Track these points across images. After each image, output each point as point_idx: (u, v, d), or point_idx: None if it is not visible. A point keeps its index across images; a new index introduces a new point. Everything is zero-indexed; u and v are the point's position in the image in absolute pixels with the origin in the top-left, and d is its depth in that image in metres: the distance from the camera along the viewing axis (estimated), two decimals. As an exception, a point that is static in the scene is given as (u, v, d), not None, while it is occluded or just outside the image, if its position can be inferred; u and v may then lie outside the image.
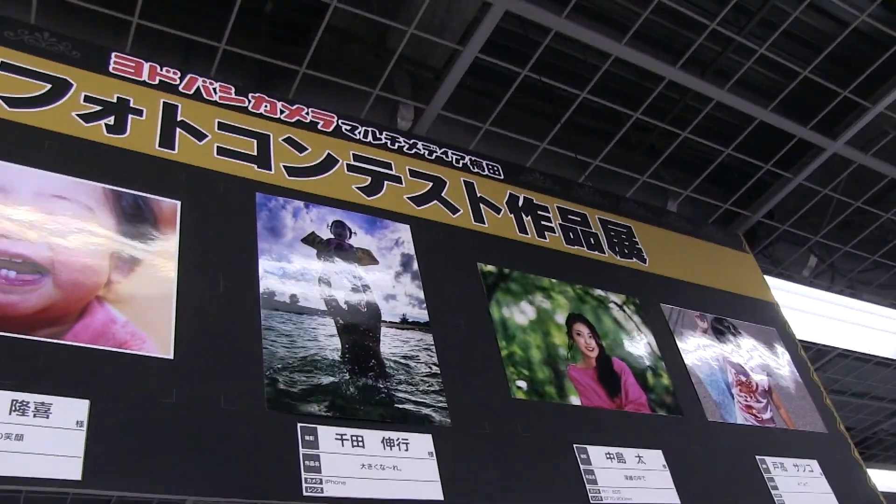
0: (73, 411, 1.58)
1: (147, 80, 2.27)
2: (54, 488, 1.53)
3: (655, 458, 2.35)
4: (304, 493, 1.68)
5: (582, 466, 2.17)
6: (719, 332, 3.01)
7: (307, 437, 1.78)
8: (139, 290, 1.83)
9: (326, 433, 1.81)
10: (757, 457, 2.59)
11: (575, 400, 2.33)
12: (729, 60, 3.75)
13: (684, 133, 3.82)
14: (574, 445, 2.20)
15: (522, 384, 2.25)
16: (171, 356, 1.75)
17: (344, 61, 3.35)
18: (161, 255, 1.91)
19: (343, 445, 1.81)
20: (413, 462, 1.88)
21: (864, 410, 6.26)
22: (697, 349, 2.85)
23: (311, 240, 2.19)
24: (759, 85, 3.98)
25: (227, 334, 1.86)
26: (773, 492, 2.52)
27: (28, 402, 1.55)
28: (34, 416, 1.55)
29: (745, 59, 3.53)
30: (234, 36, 2.79)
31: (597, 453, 2.24)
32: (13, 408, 1.53)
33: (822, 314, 4.60)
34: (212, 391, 1.75)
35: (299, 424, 1.79)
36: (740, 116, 4.14)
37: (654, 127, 4.18)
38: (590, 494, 2.12)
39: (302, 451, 1.75)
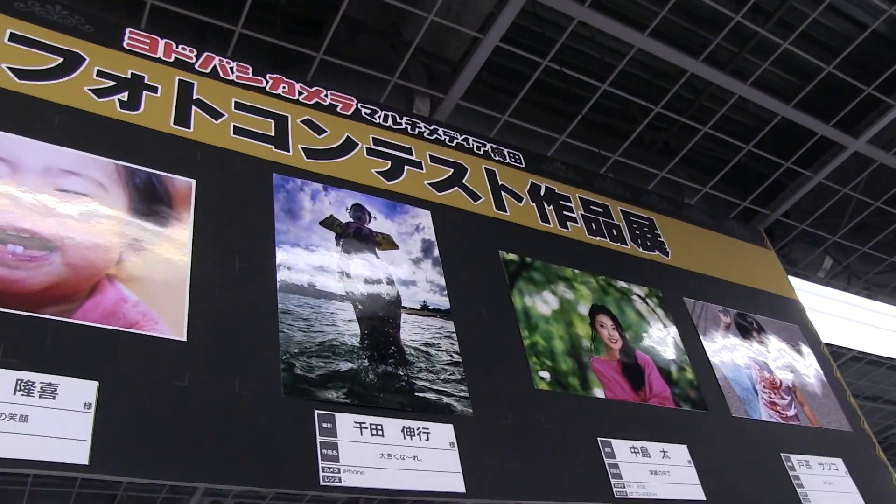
0: (80, 393, 1.48)
1: (162, 57, 2.17)
2: (60, 472, 1.42)
3: (680, 452, 2.23)
4: (322, 483, 1.57)
5: (606, 460, 2.05)
6: (743, 327, 2.89)
7: (325, 425, 1.67)
8: (152, 269, 1.73)
9: (345, 421, 1.70)
10: (782, 454, 2.47)
11: (599, 392, 2.22)
12: (745, 62, 3.65)
13: (705, 128, 3.71)
14: (598, 439, 2.09)
15: (545, 375, 2.14)
16: (183, 338, 1.64)
17: (359, 52, 3.25)
18: (175, 235, 1.81)
19: (362, 434, 1.70)
20: (434, 452, 1.76)
21: (877, 414, 6.12)
22: (721, 344, 2.73)
23: (329, 223, 2.08)
24: (776, 85, 3.87)
25: (243, 317, 1.75)
26: (798, 490, 2.39)
27: (34, 382, 1.45)
28: (40, 396, 1.44)
29: (764, 59, 3.43)
30: (247, 26, 2.70)
31: (621, 447, 2.12)
32: (18, 387, 1.43)
33: (837, 315, 4.47)
34: (226, 375, 1.64)
35: (316, 411, 1.68)
36: (757, 118, 4.04)
37: (668, 126, 4.09)
38: (615, 489, 2.00)
39: (319, 438, 1.64)
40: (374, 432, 1.71)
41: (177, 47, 2.23)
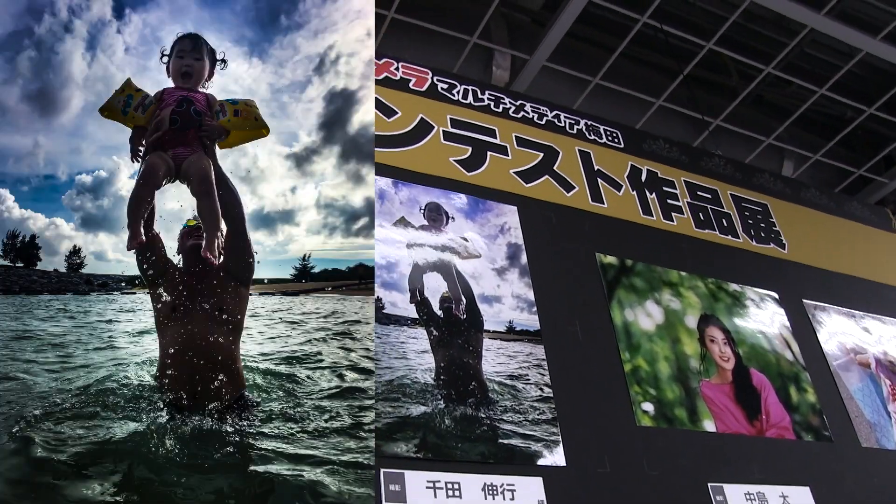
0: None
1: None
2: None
3: (803, 497, 1.82)
4: (387, 563, 1.25)
5: (718, 511, 1.67)
6: (870, 333, 2.40)
7: (392, 487, 1.33)
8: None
9: (415, 480, 1.36)
10: (924, 494, 2.02)
11: (709, 425, 1.81)
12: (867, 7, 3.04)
13: (822, 90, 3.15)
14: (709, 485, 1.70)
15: (649, 408, 1.74)
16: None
17: (434, 5, 2.81)
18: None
19: (436, 496, 1.35)
20: (520, 516, 1.41)
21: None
22: (846, 356, 2.26)
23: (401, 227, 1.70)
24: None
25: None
26: (950, 543, 1.95)
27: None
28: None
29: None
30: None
31: (735, 493, 1.72)
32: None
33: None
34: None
35: (383, 470, 1.34)
36: (876, 70, 3.40)
37: (760, 76, 3.51)
38: (727, 547, 1.63)
39: (385, 504, 1.31)
40: (451, 493, 1.37)
41: None
